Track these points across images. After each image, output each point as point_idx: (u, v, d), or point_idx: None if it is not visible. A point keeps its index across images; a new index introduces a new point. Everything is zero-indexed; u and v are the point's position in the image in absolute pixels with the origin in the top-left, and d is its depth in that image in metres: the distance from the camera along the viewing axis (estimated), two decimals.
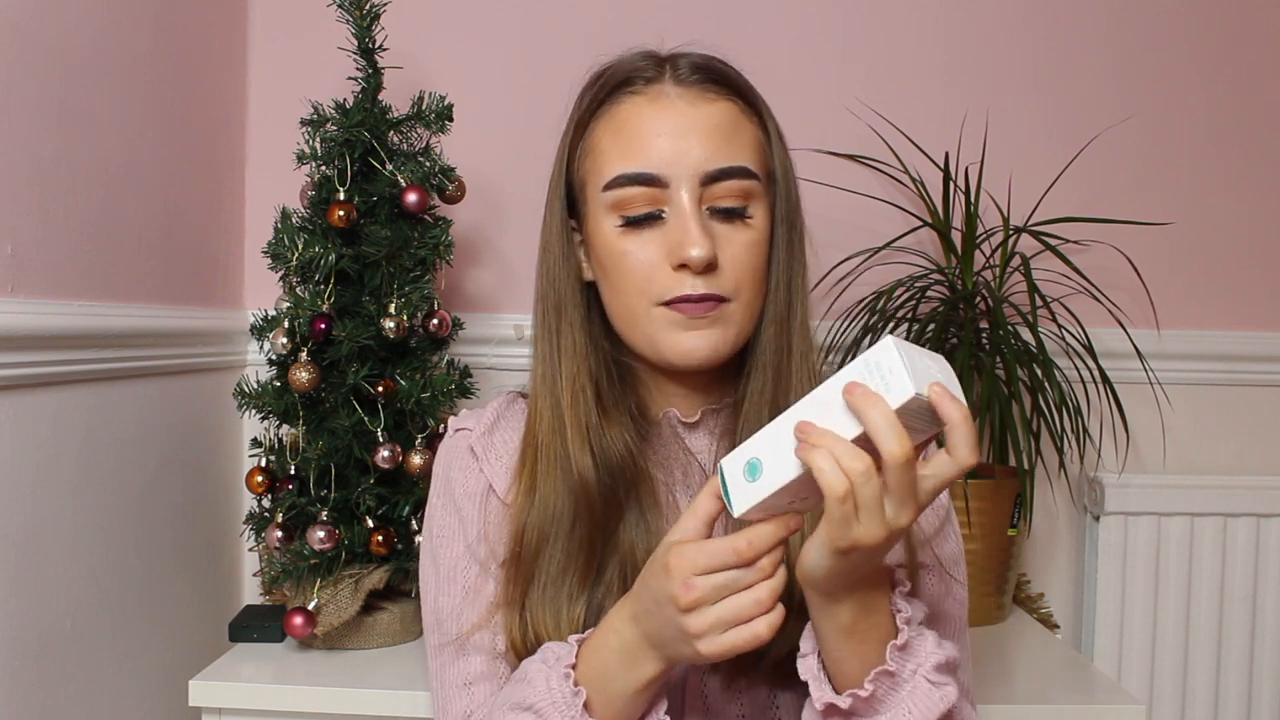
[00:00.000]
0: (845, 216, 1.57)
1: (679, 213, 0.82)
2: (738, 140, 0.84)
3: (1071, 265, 1.43)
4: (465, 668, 0.87)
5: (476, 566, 0.88)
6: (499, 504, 0.89)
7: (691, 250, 0.80)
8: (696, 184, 0.82)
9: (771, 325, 0.87)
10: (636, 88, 0.85)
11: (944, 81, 1.61)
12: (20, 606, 1.07)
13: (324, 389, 1.26)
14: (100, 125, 1.21)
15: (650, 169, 0.82)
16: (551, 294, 0.89)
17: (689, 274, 0.81)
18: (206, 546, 1.50)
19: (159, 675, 1.35)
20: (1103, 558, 1.57)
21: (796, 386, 0.86)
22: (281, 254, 1.26)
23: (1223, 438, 1.63)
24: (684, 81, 0.85)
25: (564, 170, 0.89)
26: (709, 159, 0.82)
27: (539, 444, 0.87)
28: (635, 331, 0.85)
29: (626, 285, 0.84)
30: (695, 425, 0.90)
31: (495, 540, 0.88)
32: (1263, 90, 1.62)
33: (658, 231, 0.83)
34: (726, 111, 0.85)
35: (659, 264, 0.82)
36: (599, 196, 0.85)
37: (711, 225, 0.83)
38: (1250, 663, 1.57)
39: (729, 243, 0.83)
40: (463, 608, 0.88)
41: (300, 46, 1.58)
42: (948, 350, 1.41)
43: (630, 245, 0.83)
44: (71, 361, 1.14)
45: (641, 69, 0.86)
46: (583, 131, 0.88)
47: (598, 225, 0.85)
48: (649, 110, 0.84)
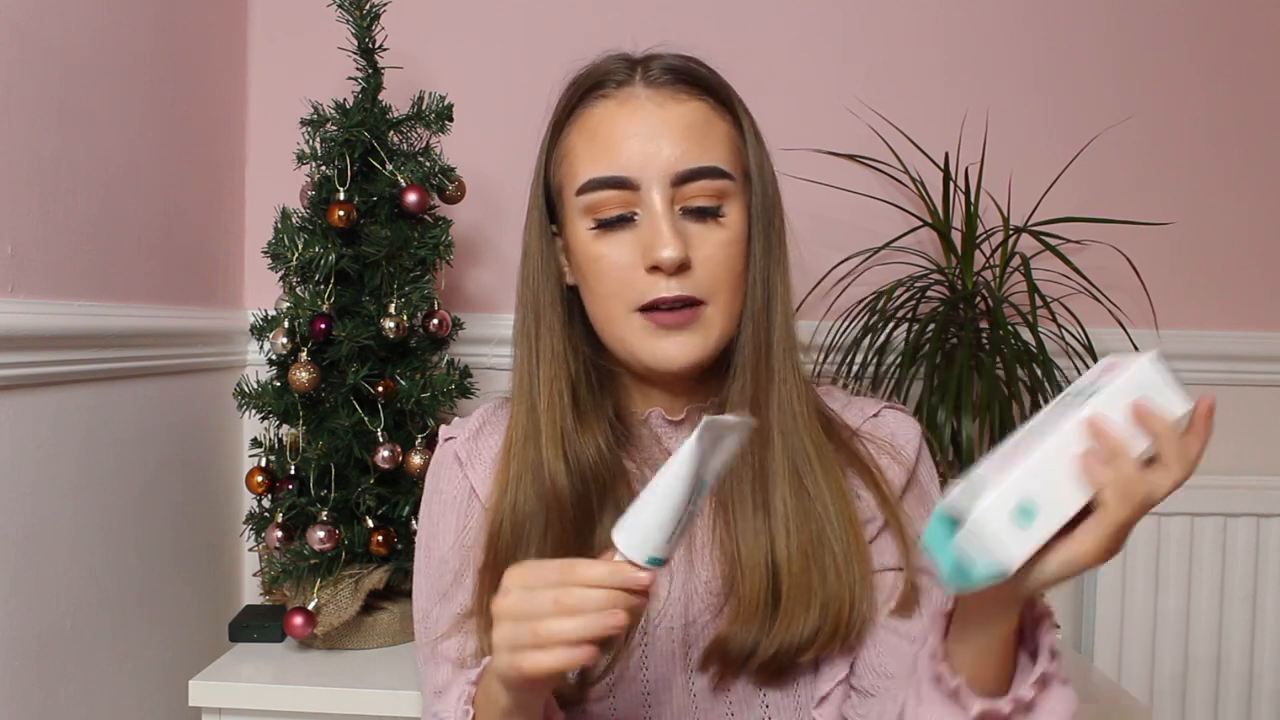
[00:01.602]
0: (845, 216, 1.57)
1: (650, 215, 0.82)
2: (709, 140, 0.84)
3: (1071, 265, 1.43)
4: (435, 677, 0.88)
5: (450, 575, 0.89)
6: (481, 507, 0.89)
7: (663, 251, 0.80)
8: (667, 185, 0.82)
9: (749, 324, 0.86)
10: (607, 91, 0.86)
11: (944, 81, 1.61)
12: (20, 606, 1.07)
13: (324, 389, 1.26)
14: (100, 125, 1.21)
15: (620, 172, 0.82)
16: (530, 299, 0.89)
17: (662, 276, 0.81)
18: (206, 546, 1.50)
19: (159, 675, 1.35)
20: None
21: (779, 385, 0.86)
22: (281, 254, 1.27)
23: (1223, 438, 1.61)
24: (654, 83, 0.85)
25: (542, 175, 0.90)
26: (679, 159, 0.82)
27: (511, 448, 0.87)
28: (614, 337, 0.85)
29: (603, 289, 0.84)
30: (680, 424, 0.90)
31: (474, 545, 0.88)
32: (1263, 90, 1.62)
33: (631, 234, 0.83)
34: (697, 111, 0.85)
35: (633, 267, 0.82)
36: (573, 201, 0.85)
37: (684, 226, 0.82)
38: (1250, 663, 1.57)
39: (703, 243, 0.82)
40: (438, 614, 0.89)
41: (300, 46, 1.58)
42: (948, 350, 1.41)
43: (604, 249, 0.83)
44: (71, 361, 1.14)
45: (612, 72, 0.86)
46: (557, 136, 0.88)
47: (574, 229, 0.86)
48: (619, 113, 0.84)
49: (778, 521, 0.83)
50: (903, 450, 0.91)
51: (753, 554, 0.83)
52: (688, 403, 0.90)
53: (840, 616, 0.82)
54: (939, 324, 1.39)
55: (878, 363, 1.44)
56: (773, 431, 0.85)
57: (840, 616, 0.82)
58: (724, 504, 0.86)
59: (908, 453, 0.91)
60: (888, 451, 0.90)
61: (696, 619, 0.86)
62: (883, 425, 0.92)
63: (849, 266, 1.53)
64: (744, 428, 0.66)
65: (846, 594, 0.82)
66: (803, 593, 0.82)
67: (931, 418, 1.31)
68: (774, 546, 0.83)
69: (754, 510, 0.84)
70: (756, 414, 0.85)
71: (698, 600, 0.86)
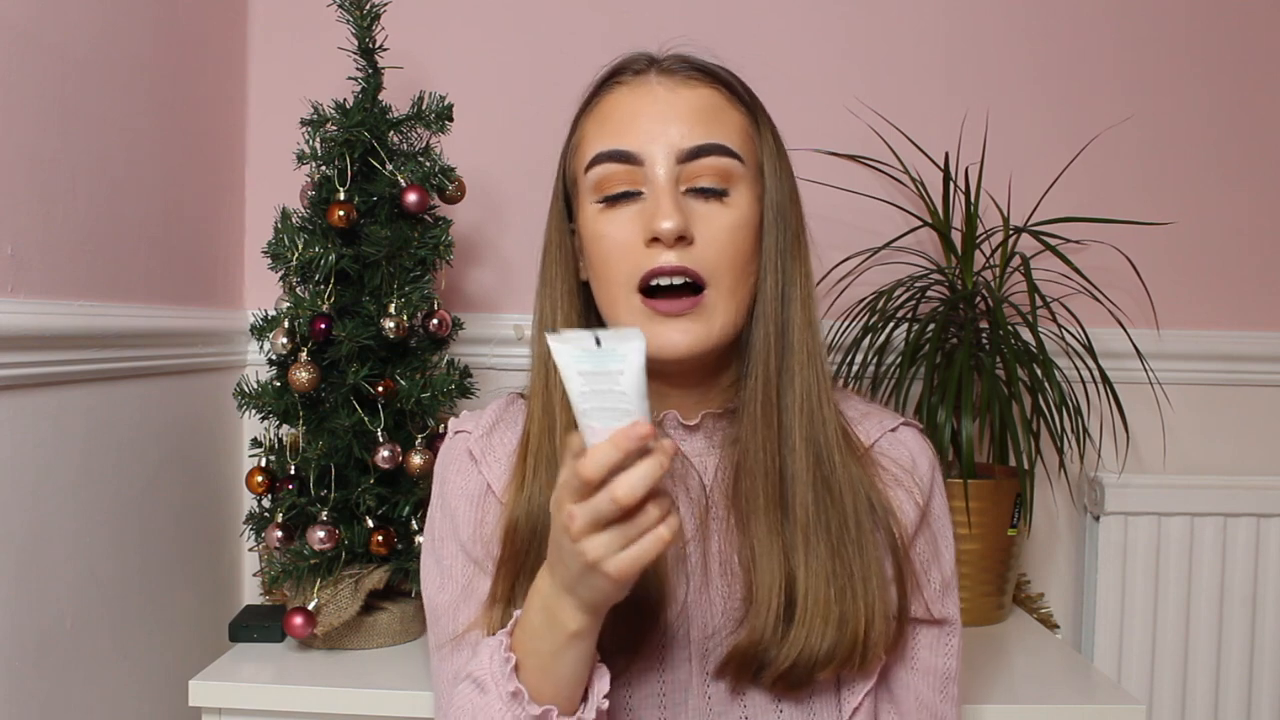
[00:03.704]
0: (845, 216, 1.57)
1: (655, 190, 0.82)
2: (718, 123, 0.84)
3: (1071, 265, 1.43)
4: (458, 664, 0.87)
5: (472, 566, 0.88)
6: (497, 503, 0.89)
7: (663, 222, 0.80)
8: (673, 161, 0.82)
9: (762, 328, 0.85)
10: (624, 79, 0.87)
11: (944, 81, 1.61)
12: (20, 606, 1.07)
13: (324, 389, 1.26)
14: (100, 125, 1.21)
15: (627, 146, 0.83)
16: (549, 293, 0.89)
17: (661, 248, 0.81)
18: (206, 546, 1.50)
19: (159, 675, 1.35)
20: (1103, 558, 1.57)
21: (800, 386, 0.85)
22: (281, 254, 1.27)
23: (1223, 438, 1.63)
24: (667, 71, 0.86)
25: (560, 172, 0.91)
26: (686, 136, 0.82)
27: (529, 443, 0.87)
28: (617, 323, 0.84)
29: (607, 270, 0.84)
30: (694, 428, 0.89)
31: (491, 539, 0.88)
32: (1263, 90, 1.62)
33: (635, 211, 0.83)
34: (708, 97, 0.85)
35: (635, 243, 0.82)
36: (584, 182, 0.85)
37: (689, 204, 0.82)
38: (1250, 663, 1.57)
39: (707, 222, 0.82)
40: (459, 606, 0.88)
41: (300, 46, 1.58)
42: (948, 350, 1.41)
43: (608, 228, 0.83)
44: (71, 361, 1.14)
45: (631, 63, 0.88)
46: (575, 129, 0.89)
47: (583, 214, 0.86)
48: (630, 96, 0.85)
49: (795, 527, 0.83)
50: (920, 479, 0.90)
51: (769, 560, 0.82)
52: (703, 407, 0.89)
53: (858, 635, 0.81)
54: (939, 324, 1.39)
55: (878, 363, 1.44)
56: (793, 435, 0.84)
57: (858, 635, 0.81)
58: (745, 511, 0.85)
59: (923, 484, 0.90)
60: (904, 483, 0.89)
61: (717, 630, 0.86)
62: (901, 445, 0.91)
63: (849, 266, 1.53)
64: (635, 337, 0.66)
65: (864, 611, 0.82)
66: (819, 605, 0.81)
67: (931, 418, 1.32)
68: (790, 553, 0.82)
69: (769, 513, 0.83)
70: (769, 415, 0.84)
71: (717, 612, 0.86)
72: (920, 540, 0.89)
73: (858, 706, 0.86)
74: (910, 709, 0.90)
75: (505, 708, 0.76)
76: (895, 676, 0.91)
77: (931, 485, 0.91)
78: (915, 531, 0.89)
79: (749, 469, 0.84)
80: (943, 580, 0.91)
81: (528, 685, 0.76)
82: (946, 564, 0.92)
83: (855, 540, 0.83)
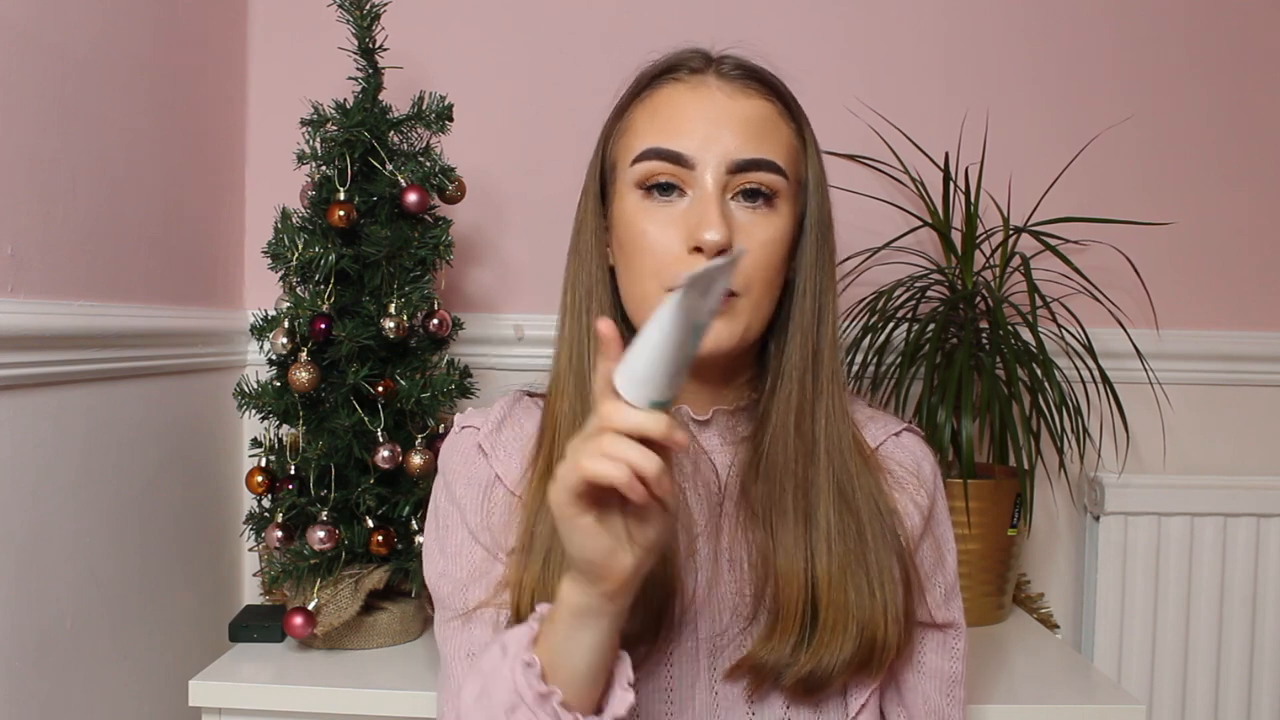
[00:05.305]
0: (845, 216, 1.56)
1: (702, 195, 0.82)
2: (771, 138, 0.85)
3: (1071, 265, 1.43)
4: (469, 639, 0.86)
5: (480, 549, 0.88)
6: (506, 494, 0.89)
7: (708, 233, 0.80)
8: (723, 171, 0.83)
9: (798, 334, 0.87)
10: (680, 75, 0.87)
11: (944, 81, 1.61)
12: (20, 606, 1.07)
13: (324, 389, 1.26)
14: (100, 125, 1.21)
15: (680, 148, 0.83)
16: (584, 277, 0.89)
17: (703, 258, 0.81)
18: (206, 546, 1.50)
19: (159, 675, 1.35)
20: (1103, 558, 1.57)
21: (827, 400, 0.87)
22: (281, 254, 1.27)
23: (1223, 438, 1.63)
24: (726, 75, 0.87)
25: (600, 154, 0.90)
26: (739, 149, 0.83)
27: (558, 430, 0.87)
28: (644, 317, 0.84)
29: (642, 266, 0.84)
30: (706, 423, 0.90)
31: (500, 529, 0.88)
32: (1263, 90, 1.62)
33: (677, 212, 0.83)
34: (763, 109, 0.86)
35: (675, 248, 0.83)
36: (627, 172, 0.85)
37: (733, 213, 0.83)
38: (1250, 663, 1.57)
39: (747, 235, 0.83)
40: (468, 586, 0.87)
41: (300, 46, 1.58)
42: (948, 350, 1.41)
43: (649, 225, 0.84)
44: (71, 361, 1.14)
45: (688, 59, 0.88)
46: (621, 115, 0.89)
47: (621, 203, 0.86)
48: (688, 96, 0.85)
49: (819, 536, 0.83)
50: (925, 484, 0.92)
51: (792, 566, 0.83)
52: (715, 404, 0.90)
53: (874, 642, 0.82)
54: (939, 324, 1.39)
55: (878, 363, 1.44)
56: (819, 446, 0.86)
57: (874, 642, 0.82)
58: (762, 513, 0.85)
59: (928, 488, 0.92)
60: (909, 487, 0.90)
61: (726, 629, 0.86)
62: (905, 449, 0.93)
63: (849, 266, 1.53)
64: (733, 263, 0.63)
65: (880, 618, 0.83)
66: (840, 613, 0.82)
67: (931, 418, 1.32)
68: (814, 562, 0.83)
69: (796, 522, 0.84)
70: (802, 426, 0.86)
71: (727, 609, 0.86)
72: (924, 545, 0.91)
73: (864, 705, 0.87)
74: (919, 712, 0.91)
75: (517, 676, 0.72)
76: (904, 680, 0.92)
77: (935, 490, 0.92)
78: (920, 535, 0.90)
79: (775, 478, 0.85)
80: (946, 584, 0.92)
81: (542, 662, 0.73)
82: (950, 568, 0.93)
83: (871, 546, 0.84)
